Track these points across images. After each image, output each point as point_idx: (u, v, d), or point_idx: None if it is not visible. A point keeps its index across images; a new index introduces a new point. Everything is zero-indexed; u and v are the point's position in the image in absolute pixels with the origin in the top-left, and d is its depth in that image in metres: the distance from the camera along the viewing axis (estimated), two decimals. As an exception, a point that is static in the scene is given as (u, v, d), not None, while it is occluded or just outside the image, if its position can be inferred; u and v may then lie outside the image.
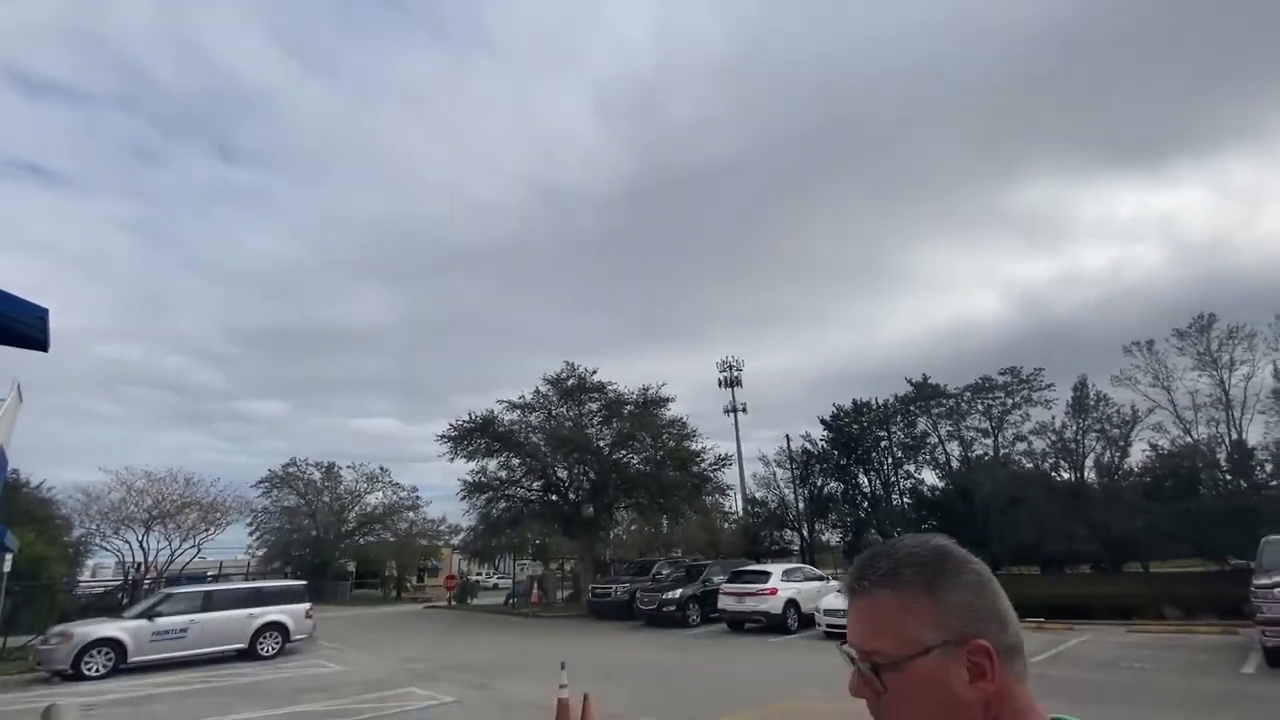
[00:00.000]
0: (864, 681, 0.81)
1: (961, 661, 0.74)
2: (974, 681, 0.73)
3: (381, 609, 28.19)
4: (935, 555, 0.81)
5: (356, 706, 8.33)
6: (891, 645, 0.77)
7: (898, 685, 0.76)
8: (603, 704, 7.09)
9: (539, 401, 25.00)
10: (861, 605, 0.83)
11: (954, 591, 0.77)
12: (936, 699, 0.74)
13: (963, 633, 0.75)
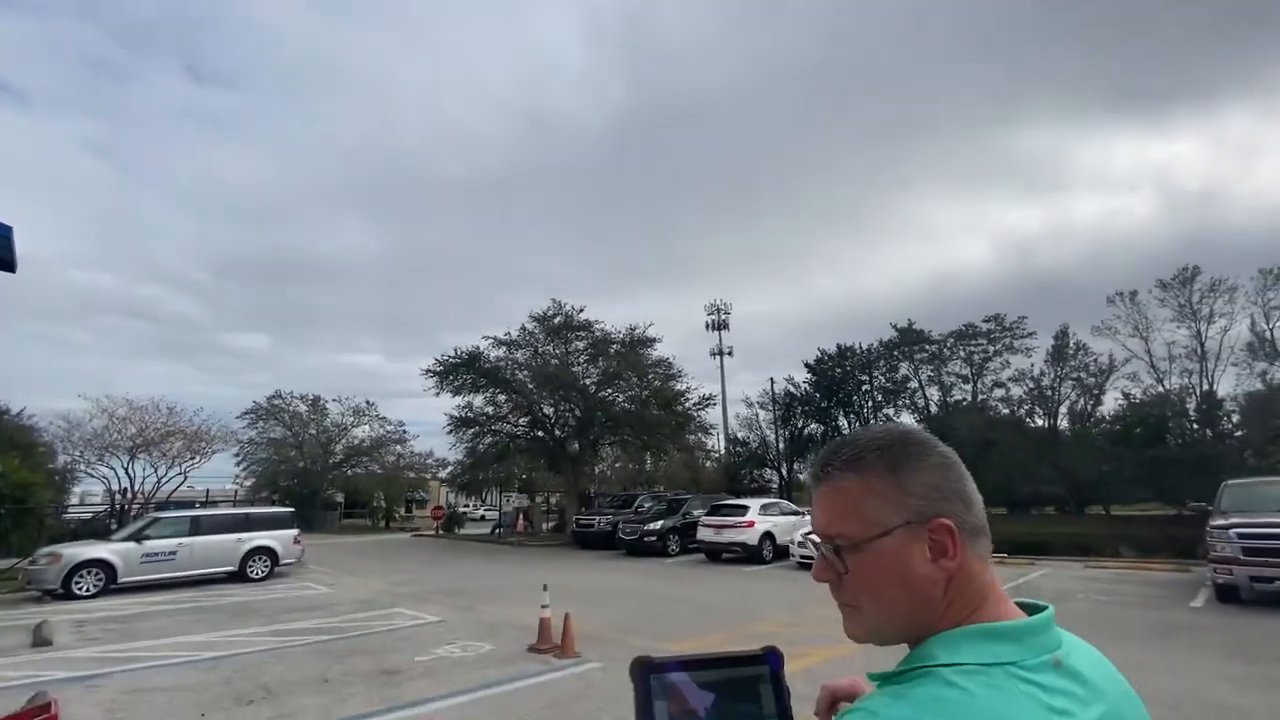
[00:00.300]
0: (826, 565, 0.80)
1: (923, 540, 0.73)
2: (936, 560, 0.72)
3: (370, 537, 28.85)
4: (899, 439, 0.79)
5: (345, 624, 8.61)
6: (854, 528, 0.76)
7: (859, 566, 0.75)
8: (583, 624, 7.37)
9: (525, 339, 24.92)
10: (825, 491, 0.81)
11: (918, 473, 0.76)
12: (898, 577, 0.73)
13: (925, 512, 0.73)
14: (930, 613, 0.72)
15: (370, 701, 5.31)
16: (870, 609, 0.76)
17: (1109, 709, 0.68)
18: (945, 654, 0.68)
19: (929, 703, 0.62)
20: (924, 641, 0.72)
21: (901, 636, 0.76)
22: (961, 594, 0.72)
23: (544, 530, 27.84)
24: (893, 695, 0.65)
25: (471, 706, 5.14)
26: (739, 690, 0.96)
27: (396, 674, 6.12)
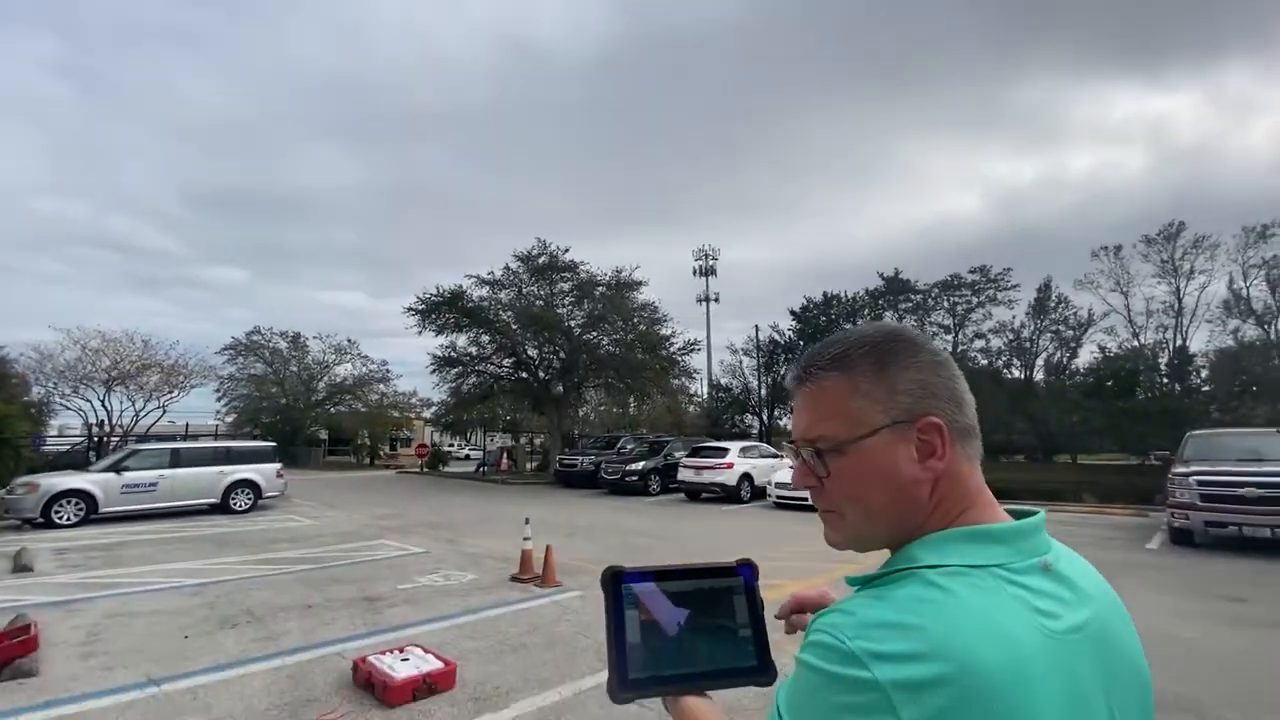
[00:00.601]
0: (807, 470, 0.76)
1: (911, 440, 0.68)
2: (923, 460, 0.68)
3: (354, 474, 29.09)
4: (887, 336, 0.73)
5: (328, 554, 8.74)
6: (838, 428, 0.71)
7: (842, 469, 0.71)
8: (564, 556, 7.54)
9: (509, 279, 24.54)
10: (807, 392, 0.76)
11: (906, 370, 0.71)
12: (882, 479, 0.69)
13: (914, 411, 0.69)
14: (915, 516, 0.69)
15: (353, 625, 5.42)
16: (853, 514, 0.72)
17: (1095, 614, 0.65)
18: (929, 556, 0.64)
19: (910, 603, 0.59)
20: (907, 545, 0.68)
21: (885, 541, 0.72)
22: (949, 496, 0.69)
23: (528, 469, 28.24)
24: (872, 596, 0.62)
25: (453, 630, 5.28)
26: (712, 602, 0.93)
27: (379, 601, 6.24)
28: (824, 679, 0.56)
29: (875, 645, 0.55)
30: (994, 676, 0.53)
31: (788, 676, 0.67)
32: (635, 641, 0.87)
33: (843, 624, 0.59)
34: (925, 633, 0.55)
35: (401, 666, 3.99)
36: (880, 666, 0.54)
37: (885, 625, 0.57)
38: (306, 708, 3.79)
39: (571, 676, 4.26)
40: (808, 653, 0.60)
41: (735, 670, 0.91)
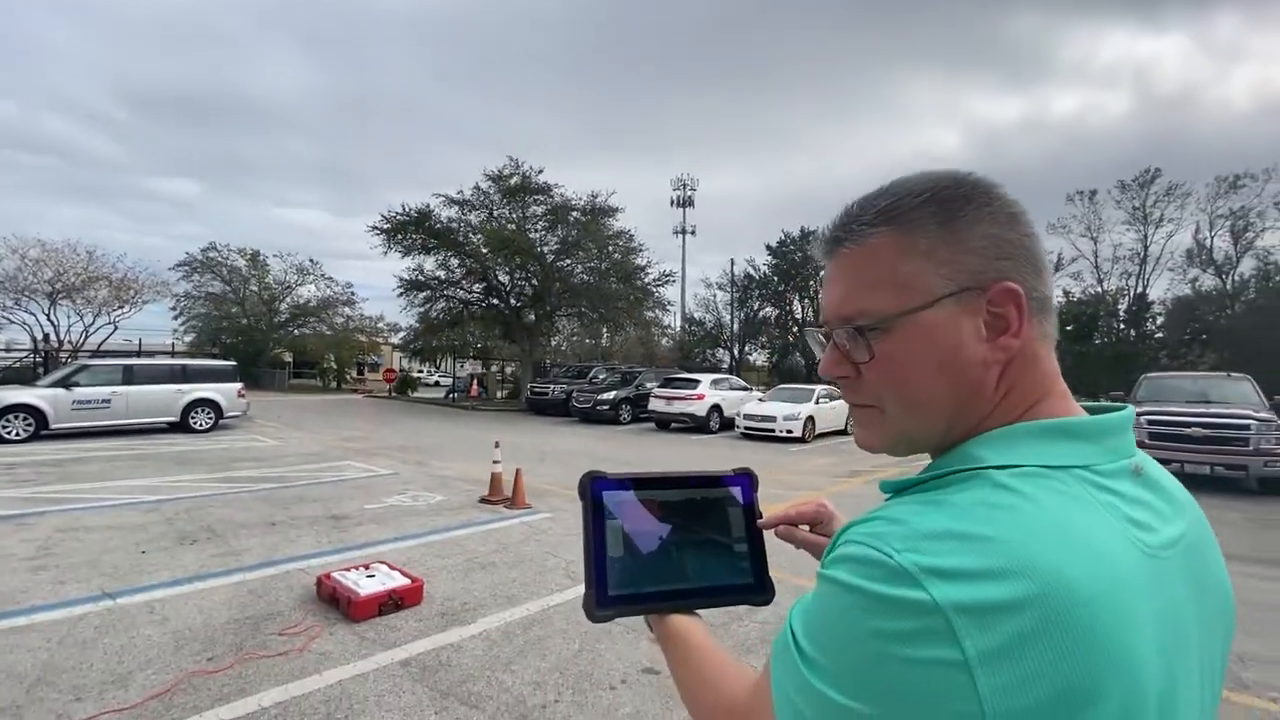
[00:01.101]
0: (839, 357, 0.61)
1: (978, 313, 0.55)
2: (993, 338, 0.54)
3: (320, 397, 28.67)
4: (952, 182, 0.57)
5: (293, 474, 8.61)
6: (885, 300, 0.57)
7: (888, 352, 0.57)
8: (535, 480, 7.55)
9: (479, 199, 23.59)
10: (845, 257, 0.60)
11: (977, 224, 0.56)
12: (939, 362, 0.55)
13: (984, 276, 0.54)
14: (977, 408, 0.56)
15: (318, 543, 5.36)
16: (897, 407, 0.59)
17: (1189, 528, 0.54)
18: (996, 454, 0.52)
19: (977, 509, 0.47)
20: (962, 445, 0.56)
21: (936, 441, 0.59)
22: (1020, 384, 0.56)
23: (498, 397, 28.18)
24: (923, 502, 0.50)
25: (420, 549, 5.26)
26: (704, 514, 0.80)
27: (345, 519, 6.19)
28: (862, 600, 0.45)
29: (933, 559, 0.43)
30: (1086, 600, 0.42)
31: (804, 597, 0.55)
32: (617, 554, 0.76)
33: (889, 533, 0.47)
34: (999, 545, 0.43)
35: (367, 583, 3.95)
36: (940, 585, 0.42)
37: (946, 535, 0.45)
38: (269, 621, 3.74)
39: (539, 594, 4.30)
40: (839, 568, 0.48)
41: (729, 588, 0.81)
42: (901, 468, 4.37)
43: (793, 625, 0.53)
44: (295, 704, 2.87)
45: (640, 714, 2.87)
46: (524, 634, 3.67)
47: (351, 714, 2.81)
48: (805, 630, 0.50)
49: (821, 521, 0.87)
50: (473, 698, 2.97)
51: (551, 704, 2.94)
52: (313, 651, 3.37)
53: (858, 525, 0.52)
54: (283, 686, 3.01)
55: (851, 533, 0.51)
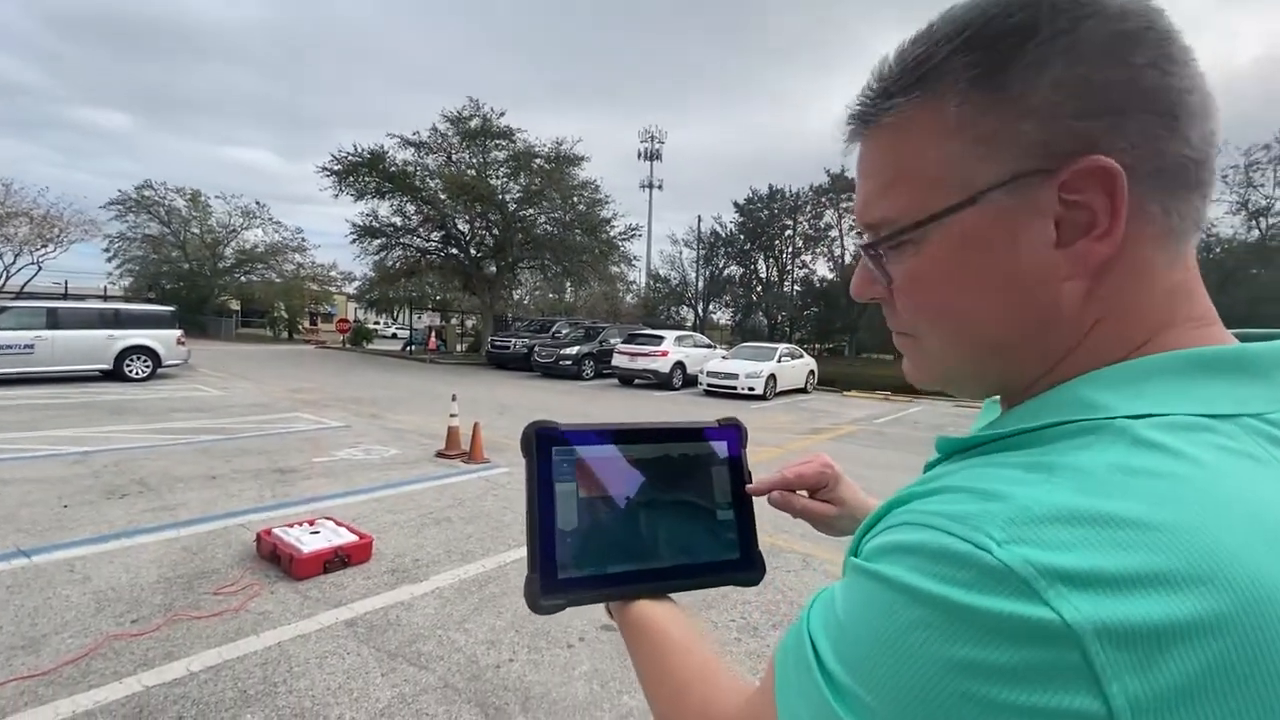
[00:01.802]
0: (869, 275, 0.46)
1: (1044, 208, 0.37)
2: (1068, 243, 0.37)
3: (269, 347, 27.58)
4: (1010, 4, 0.37)
5: (237, 425, 8.20)
6: (906, 202, 0.41)
7: (916, 270, 0.42)
8: (494, 434, 7.36)
9: (437, 142, 22.49)
10: (868, 141, 0.44)
11: (1045, 68, 0.36)
12: (983, 282, 0.39)
13: (1054, 151, 0.36)
14: (1052, 342, 0.40)
15: (261, 497, 5.09)
16: (935, 341, 0.44)
17: None
18: (1124, 399, 0.36)
19: (1114, 479, 0.31)
20: (1059, 386, 0.39)
21: (993, 382, 0.45)
22: (1120, 308, 0.38)
23: (458, 350, 27.59)
24: (1024, 465, 0.34)
25: (371, 504, 5.05)
26: (681, 474, 0.62)
27: (292, 473, 5.90)
28: (940, 616, 0.30)
29: (1058, 555, 0.28)
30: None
31: (826, 592, 0.39)
32: (569, 526, 0.60)
33: (980, 513, 0.31)
34: (1161, 534, 0.28)
35: (311, 539, 3.74)
36: (1072, 597, 0.27)
37: (1075, 518, 0.29)
38: (203, 580, 3.51)
39: (495, 550, 4.17)
40: (895, 562, 0.33)
41: (710, 565, 0.65)
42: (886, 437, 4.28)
43: (813, 634, 0.37)
44: (228, 667, 2.68)
45: (598, 671, 2.79)
46: (479, 591, 3.54)
47: (290, 677, 2.64)
48: (838, 647, 0.34)
49: (826, 485, 0.71)
50: (422, 658, 2.83)
51: (506, 663, 2.83)
52: (250, 612, 3.17)
53: (919, 499, 0.37)
54: (215, 649, 2.82)
55: (912, 510, 0.35)
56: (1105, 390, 0.37)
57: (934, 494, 0.36)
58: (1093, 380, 0.38)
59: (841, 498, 0.71)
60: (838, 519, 0.70)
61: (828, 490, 0.71)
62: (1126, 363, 0.38)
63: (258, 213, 36.26)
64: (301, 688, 2.57)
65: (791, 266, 40.75)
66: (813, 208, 38.97)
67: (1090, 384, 0.38)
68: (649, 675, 0.56)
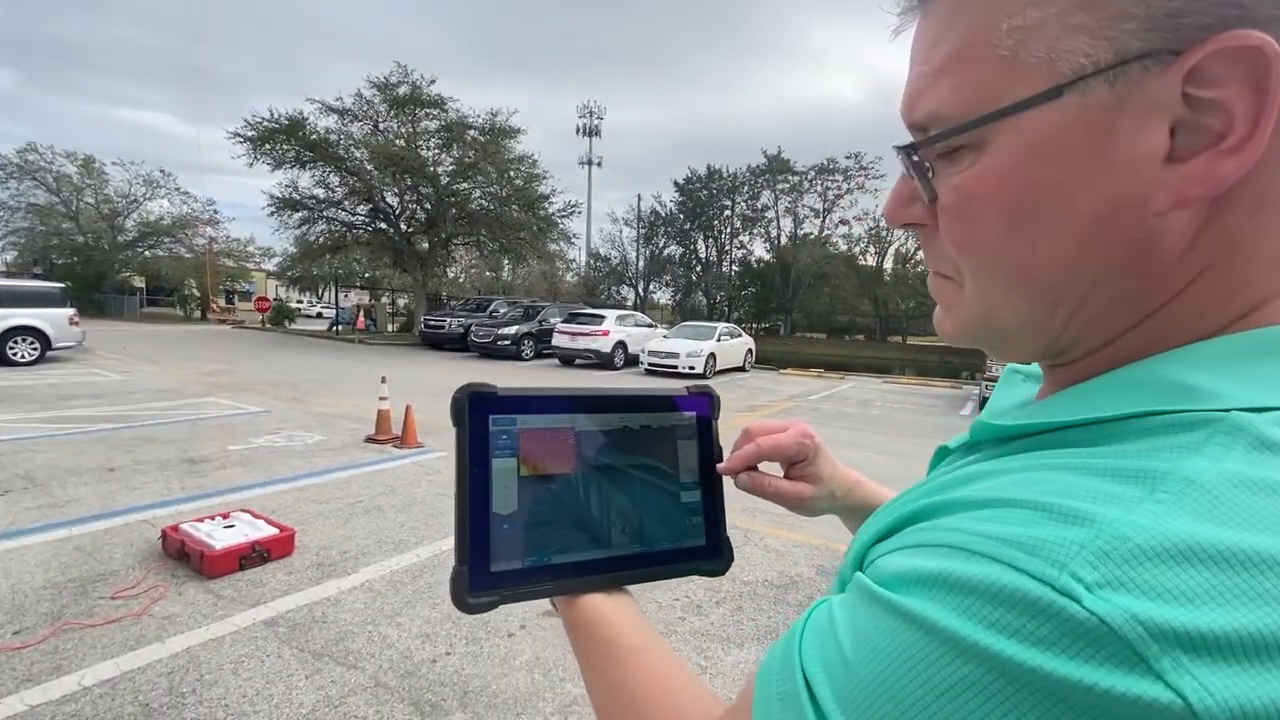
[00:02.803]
0: (909, 192, 0.36)
1: (1160, 106, 0.28)
2: (1179, 158, 0.28)
3: (180, 327, 25.65)
4: None
5: (141, 413, 7.55)
6: (973, 89, 0.31)
7: (969, 186, 0.32)
8: (429, 416, 7.08)
9: (363, 109, 21.25)
10: (926, 17, 0.35)
11: None
12: (1060, 205, 0.30)
13: (1189, 18, 0.27)
14: (1140, 295, 0.31)
15: (168, 490, 4.69)
16: (984, 280, 0.34)
17: None
18: (1237, 384, 0.28)
19: (1236, 498, 0.23)
20: (1140, 363, 0.31)
21: (1052, 342, 0.34)
22: (1237, 255, 0.30)
23: (389, 330, 26.49)
24: (1112, 475, 0.26)
25: (294, 494, 4.75)
26: (642, 446, 0.54)
27: (204, 463, 5.47)
28: (1001, 681, 0.22)
29: (1177, 612, 0.21)
30: None
31: (821, 611, 0.33)
32: (507, 509, 0.50)
33: (1060, 544, 0.23)
34: None
35: (225, 534, 3.45)
36: (1200, 672, 0.20)
37: (1197, 555, 0.22)
38: (100, 583, 3.19)
39: (431, 538, 3.99)
40: (935, 600, 0.25)
41: (672, 553, 0.57)
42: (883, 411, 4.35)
43: (807, 666, 0.30)
44: (128, 679, 2.44)
45: (540, 660, 2.71)
46: (413, 583, 3.38)
47: (201, 685, 2.42)
48: (842, 692, 0.27)
49: (805, 459, 0.60)
50: (351, 656, 2.67)
51: (442, 657, 2.70)
52: (154, 616, 2.90)
53: (961, 510, 0.28)
54: (113, 660, 2.56)
55: (956, 529, 0.27)
56: (1208, 371, 0.29)
57: (982, 506, 0.27)
58: (1189, 357, 0.30)
59: (820, 473, 0.60)
60: (814, 499, 0.60)
61: (806, 464, 0.60)
62: (1234, 335, 0.30)
63: (162, 182, 33.46)
64: (214, 697, 2.36)
65: (730, 247, 41.27)
66: (750, 189, 39.49)
67: (1186, 361, 0.29)
68: (597, 685, 0.47)
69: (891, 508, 0.36)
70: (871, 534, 0.35)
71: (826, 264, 35.75)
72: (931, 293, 0.39)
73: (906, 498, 0.36)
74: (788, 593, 3.49)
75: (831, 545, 4.16)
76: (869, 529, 0.36)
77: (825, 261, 35.75)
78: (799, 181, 37.93)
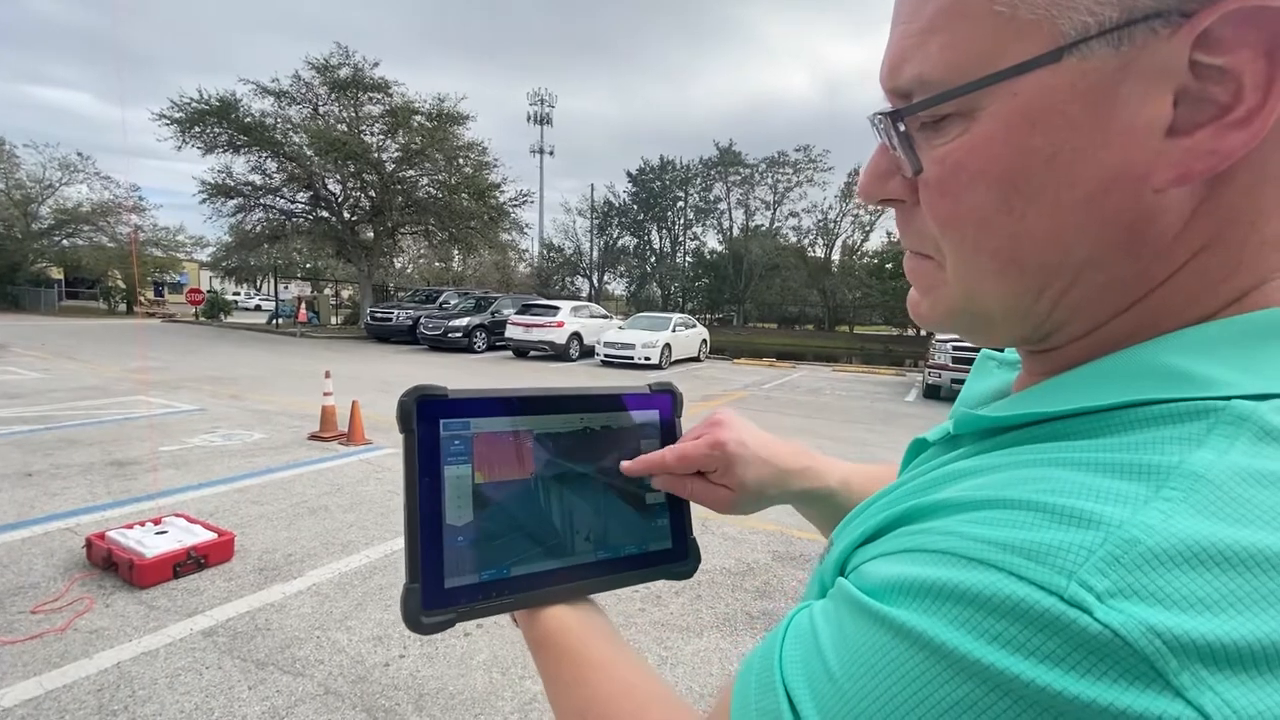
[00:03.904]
0: (887, 164, 0.35)
1: (1164, 75, 0.26)
2: (1181, 130, 0.26)
3: (104, 321, 24.09)
4: None
5: (61, 413, 7.05)
6: (963, 51, 0.29)
7: (956, 158, 0.30)
8: (377, 412, 6.88)
9: (301, 92, 20.35)
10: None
11: None
12: (1055, 179, 0.28)
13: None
14: (1132, 276, 0.30)
15: (92, 495, 4.40)
16: (968, 259, 0.32)
17: None
18: (1235, 371, 0.26)
19: (1245, 493, 0.22)
20: (1133, 349, 0.30)
21: (1036, 325, 0.33)
22: (1235, 235, 0.28)
23: (333, 323, 25.55)
24: (1114, 470, 0.24)
25: (233, 495, 4.53)
26: (603, 448, 0.53)
27: (132, 465, 5.16)
28: (1004, 701, 0.21)
29: (1194, 621, 0.19)
30: None
31: (802, 619, 0.31)
32: (461, 520, 0.48)
33: (1066, 548, 0.22)
34: None
35: (156, 540, 3.26)
36: (1222, 688, 0.19)
37: (1211, 557, 0.20)
38: (18, 597, 2.97)
39: (381, 538, 3.87)
40: (929, 612, 0.23)
41: (637, 558, 0.55)
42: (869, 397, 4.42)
43: (788, 682, 0.28)
44: (52, 699, 2.28)
45: (498, 659, 2.67)
46: (363, 584, 3.27)
47: (134, 702, 2.29)
48: (828, 710, 0.25)
49: (715, 470, 0.56)
50: (298, 664, 2.57)
51: (396, 660, 2.63)
52: (79, 630, 2.72)
53: (952, 512, 0.27)
54: (35, 679, 2.38)
55: (949, 533, 0.25)
56: (1205, 356, 0.27)
57: (977, 507, 0.26)
58: (1184, 342, 0.28)
59: (741, 480, 0.55)
60: (737, 503, 0.56)
61: (719, 474, 0.56)
62: (1231, 318, 0.29)
63: (80, 165, 31.29)
64: (147, 714, 2.23)
65: (683, 238, 41.52)
66: (702, 180, 39.78)
67: (1181, 347, 0.28)
68: (563, 703, 0.45)
69: (875, 509, 0.35)
70: (856, 537, 0.34)
71: (777, 255, 36.39)
72: (908, 274, 0.38)
73: (891, 497, 0.35)
74: (745, 579, 3.55)
75: (787, 531, 4.24)
76: (853, 531, 0.35)
77: (776, 253, 36.39)
78: (750, 174, 38.43)
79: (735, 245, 38.08)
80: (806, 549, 4.01)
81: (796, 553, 3.95)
